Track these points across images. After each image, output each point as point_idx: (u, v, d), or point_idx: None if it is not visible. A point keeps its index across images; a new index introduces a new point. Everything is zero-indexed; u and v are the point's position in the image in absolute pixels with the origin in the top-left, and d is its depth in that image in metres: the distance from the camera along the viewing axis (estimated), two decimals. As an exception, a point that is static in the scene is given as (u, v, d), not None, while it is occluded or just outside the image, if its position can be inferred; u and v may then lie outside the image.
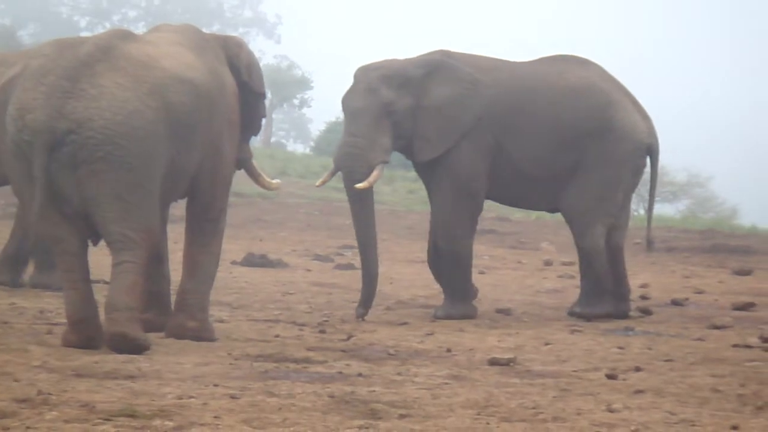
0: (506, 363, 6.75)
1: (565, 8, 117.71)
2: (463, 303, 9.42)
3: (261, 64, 8.04)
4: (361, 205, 9.39)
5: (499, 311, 9.74)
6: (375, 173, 9.28)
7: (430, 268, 9.87)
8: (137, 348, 6.54)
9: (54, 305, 8.55)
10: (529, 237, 19.52)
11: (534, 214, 21.87)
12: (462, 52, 9.82)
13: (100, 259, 8.13)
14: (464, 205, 9.49)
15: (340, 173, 9.47)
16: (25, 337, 7.02)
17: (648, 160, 9.82)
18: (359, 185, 9.20)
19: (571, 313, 9.59)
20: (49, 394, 5.17)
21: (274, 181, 8.23)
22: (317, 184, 9.96)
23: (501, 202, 10.14)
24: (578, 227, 9.60)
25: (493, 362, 6.77)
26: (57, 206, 6.57)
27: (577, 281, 10.02)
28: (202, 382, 5.68)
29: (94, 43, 6.70)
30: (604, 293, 9.53)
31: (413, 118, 9.47)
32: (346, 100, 9.51)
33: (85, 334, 6.70)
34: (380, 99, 9.38)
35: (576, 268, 10.14)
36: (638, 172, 9.80)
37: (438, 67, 9.56)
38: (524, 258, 16.32)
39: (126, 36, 6.93)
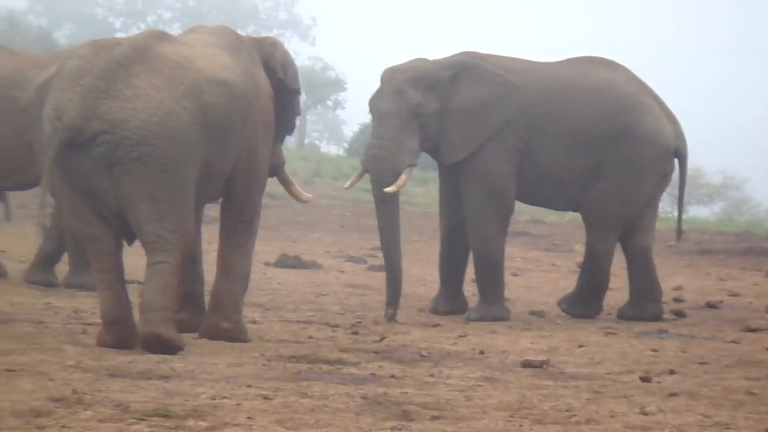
0: (539, 365, 6.73)
1: (580, 8, 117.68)
2: (496, 305, 9.40)
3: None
4: (387, 206, 9.38)
5: (532, 313, 9.72)
6: (403, 177, 9.26)
7: (440, 269, 9.84)
8: (171, 348, 6.56)
9: (89, 305, 8.59)
10: (563, 239, 19.44)
11: (567, 216, 21.80)
12: (490, 53, 9.79)
13: (134, 260, 8.16)
14: (494, 206, 9.45)
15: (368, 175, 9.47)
16: (59, 336, 7.05)
17: (677, 163, 9.78)
18: (388, 189, 9.19)
19: (559, 305, 9.73)
20: (84, 393, 5.19)
21: (305, 195, 8.23)
22: (346, 186, 9.96)
23: (528, 203, 10.11)
24: (596, 230, 9.58)
25: (527, 364, 6.76)
26: (92, 206, 6.60)
27: (613, 284, 9.97)
28: (235, 383, 5.70)
29: (130, 44, 6.72)
30: (599, 295, 9.61)
31: (440, 121, 9.45)
32: (373, 103, 9.49)
33: (119, 334, 6.72)
34: (408, 101, 9.36)
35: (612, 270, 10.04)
36: (665, 176, 9.73)
37: (465, 68, 9.53)
38: (558, 260, 16.27)
39: (161, 37, 6.95)
